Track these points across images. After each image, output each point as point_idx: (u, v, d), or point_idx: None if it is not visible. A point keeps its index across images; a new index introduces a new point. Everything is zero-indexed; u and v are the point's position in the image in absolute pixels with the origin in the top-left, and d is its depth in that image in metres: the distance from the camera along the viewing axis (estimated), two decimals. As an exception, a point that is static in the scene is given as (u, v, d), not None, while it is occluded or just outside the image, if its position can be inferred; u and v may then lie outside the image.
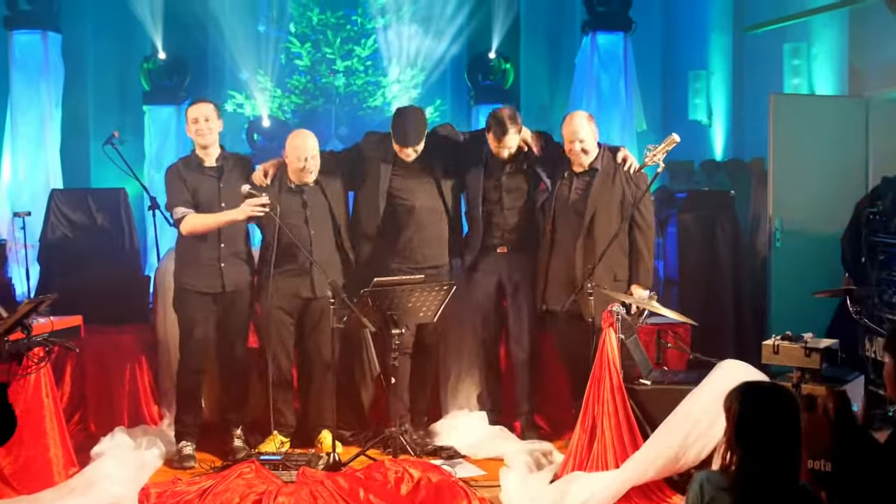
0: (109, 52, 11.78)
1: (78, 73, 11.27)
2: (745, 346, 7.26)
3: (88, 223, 7.20)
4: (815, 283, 7.53)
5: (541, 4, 12.09)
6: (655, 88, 11.74)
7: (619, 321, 5.26)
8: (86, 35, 11.53)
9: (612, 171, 5.92)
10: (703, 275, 7.42)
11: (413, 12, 11.57)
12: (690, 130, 10.87)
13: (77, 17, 11.14)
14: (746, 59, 10.68)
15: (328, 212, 6.01)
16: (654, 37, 11.85)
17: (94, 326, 6.40)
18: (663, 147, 5.38)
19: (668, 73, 12.16)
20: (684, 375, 5.54)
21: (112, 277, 6.86)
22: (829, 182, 7.79)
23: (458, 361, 6.60)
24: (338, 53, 11.95)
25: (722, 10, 11.11)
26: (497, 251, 6.18)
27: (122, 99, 12.04)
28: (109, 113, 11.62)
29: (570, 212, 5.94)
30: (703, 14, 11.49)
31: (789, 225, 7.80)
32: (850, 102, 8.31)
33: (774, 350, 4.95)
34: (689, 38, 11.85)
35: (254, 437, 6.19)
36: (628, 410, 5.17)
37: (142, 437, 6.17)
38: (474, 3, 11.47)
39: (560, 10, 12.01)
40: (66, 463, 5.48)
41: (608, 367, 5.20)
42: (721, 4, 11.12)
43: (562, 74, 11.77)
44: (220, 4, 11.24)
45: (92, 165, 11.26)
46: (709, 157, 10.95)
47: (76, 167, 10.85)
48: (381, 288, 5.39)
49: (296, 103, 11.94)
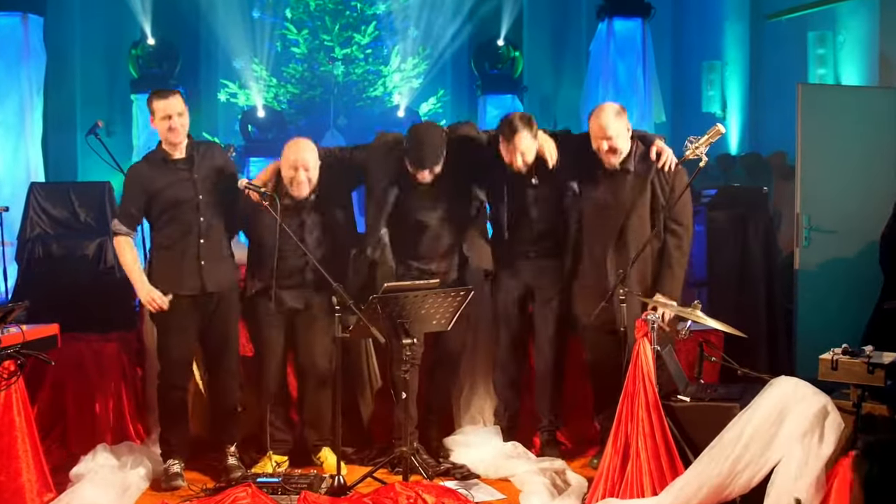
0: (97, 37, 11.54)
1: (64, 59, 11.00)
2: (777, 354, 6.81)
3: (70, 219, 6.83)
4: (846, 285, 7.21)
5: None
6: (665, 79, 11.39)
7: (655, 330, 4.77)
8: (73, 19, 11.22)
9: (644, 169, 5.40)
10: (735, 276, 6.96)
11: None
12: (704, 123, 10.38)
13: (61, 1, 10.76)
14: (765, 48, 10.37)
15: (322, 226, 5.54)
16: (665, 26, 11.54)
17: (74, 334, 5.96)
18: (707, 139, 4.88)
19: (678, 63, 11.90)
20: (726, 391, 5.05)
21: (95, 278, 6.40)
22: (859, 177, 7.45)
23: (472, 373, 6.15)
24: (336, 41, 11.58)
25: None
26: (526, 257, 5.69)
27: (112, 88, 11.79)
28: (98, 102, 11.37)
29: (601, 214, 5.45)
30: (717, 2, 11.19)
31: (818, 222, 7.39)
32: (882, 93, 7.99)
33: (833, 366, 4.45)
34: (701, 28, 11.56)
35: (249, 455, 5.72)
36: (665, 430, 4.68)
37: (126, 455, 5.64)
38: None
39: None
40: (41, 489, 4.94)
41: (643, 382, 4.72)
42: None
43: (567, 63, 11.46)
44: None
45: (79, 158, 10.98)
46: (723, 151, 10.58)
47: (63, 160, 10.58)
48: (391, 294, 4.90)
49: (292, 93, 11.61)
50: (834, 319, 7.08)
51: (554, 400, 5.87)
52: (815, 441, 4.25)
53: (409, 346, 4.97)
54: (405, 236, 5.61)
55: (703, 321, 4.83)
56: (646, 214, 5.38)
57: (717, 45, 11.06)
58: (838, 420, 4.28)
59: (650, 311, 4.83)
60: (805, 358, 6.84)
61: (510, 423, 5.93)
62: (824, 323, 7.08)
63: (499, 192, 5.64)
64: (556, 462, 5.58)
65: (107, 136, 9.97)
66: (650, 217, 5.38)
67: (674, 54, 11.88)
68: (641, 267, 5.24)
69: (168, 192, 5.32)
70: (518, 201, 5.61)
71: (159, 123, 5.33)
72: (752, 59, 10.54)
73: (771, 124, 9.97)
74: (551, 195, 5.59)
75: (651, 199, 5.38)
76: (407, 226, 5.59)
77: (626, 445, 4.76)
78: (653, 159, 5.36)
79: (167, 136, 5.34)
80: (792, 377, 4.55)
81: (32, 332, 4.95)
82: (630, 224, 5.36)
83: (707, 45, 11.25)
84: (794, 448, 4.26)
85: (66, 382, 5.98)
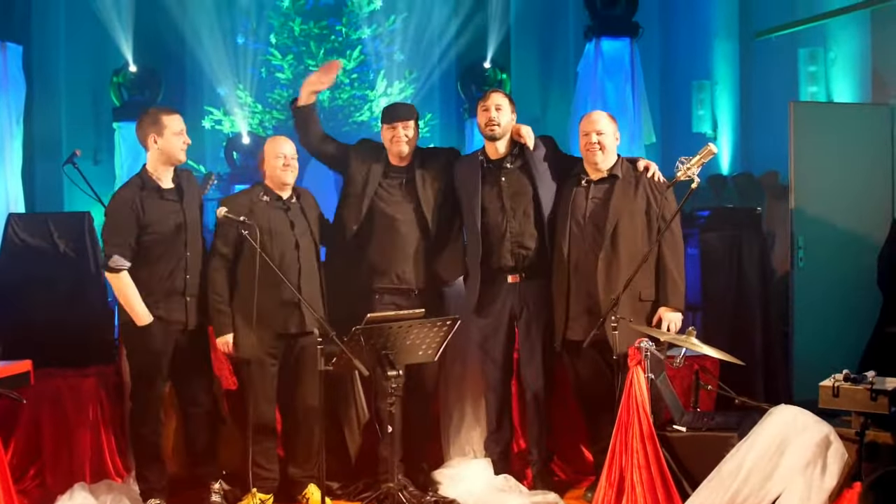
0: (82, 65, 11.44)
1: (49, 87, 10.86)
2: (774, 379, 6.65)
3: (49, 249, 6.54)
4: (842, 306, 7.09)
5: (531, 14, 11.67)
6: (654, 100, 11.29)
7: (649, 358, 4.61)
8: (58, 47, 11.10)
9: (633, 179, 5.29)
10: (730, 299, 6.81)
11: (402, 21, 11.10)
12: (694, 143, 10.31)
13: (45, 29, 10.68)
14: (755, 66, 10.29)
15: (311, 235, 5.42)
16: (653, 46, 11.46)
17: (51, 369, 5.80)
18: (698, 159, 4.74)
19: (667, 83, 11.82)
20: (723, 419, 4.90)
21: (74, 310, 6.21)
22: (854, 196, 7.34)
23: (461, 403, 5.98)
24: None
25: (726, 16, 10.77)
26: (508, 280, 5.50)
27: (97, 115, 11.68)
28: (83, 131, 11.26)
29: (588, 225, 5.28)
30: (706, 21, 11.14)
31: (812, 243, 7.26)
32: (875, 110, 7.89)
33: (834, 393, 4.31)
34: (690, 47, 11.49)
35: (233, 493, 5.53)
36: (661, 461, 4.55)
37: (105, 494, 5.45)
38: (467, 12, 11.03)
39: (552, 18, 11.60)
40: (15, 533, 4.77)
41: (637, 412, 4.58)
42: (725, 10, 10.74)
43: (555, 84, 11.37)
44: (197, 15, 10.78)
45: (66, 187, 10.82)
46: (715, 171, 10.47)
47: (48, 190, 10.38)
48: (375, 325, 4.72)
49: (277, 119, 11.53)
50: (831, 342, 6.96)
51: (543, 431, 5.68)
52: (817, 472, 4.11)
53: (395, 379, 4.81)
54: (367, 236, 5.55)
55: (698, 349, 4.68)
56: (638, 225, 5.23)
57: (707, 64, 10.97)
58: (841, 450, 4.14)
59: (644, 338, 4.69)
60: (803, 383, 6.70)
61: (501, 454, 5.75)
62: (821, 346, 6.96)
63: (470, 193, 5.51)
64: (549, 496, 5.42)
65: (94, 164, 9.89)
66: (643, 230, 5.24)
67: (662, 74, 11.79)
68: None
69: (158, 225, 5.13)
70: (493, 202, 5.47)
71: (172, 140, 5.15)
72: (742, 78, 10.45)
73: (762, 143, 9.86)
74: (527, 188, 5.45)
75: (645, 210, 5.24)
76: (381, 225, 5.53)
77: (621, 478, 4.62)
78: (640, 171, 5.27)
79: (179, 156, 5.20)
80: (792, 406, 4.41)
81: (3, 369, 4.78)
82: (621, 233, 5.20)
83: (696, 65, 11.16)
84: (796, 480, 4.13)
85: (42, 419, 5.78)
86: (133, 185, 5.21)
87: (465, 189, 5.54)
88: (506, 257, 5.45)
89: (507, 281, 5.49)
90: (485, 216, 5.46)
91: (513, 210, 5.44)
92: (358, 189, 5.58)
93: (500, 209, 5.45)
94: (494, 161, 5.51)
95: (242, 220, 5.09)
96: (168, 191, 5.21)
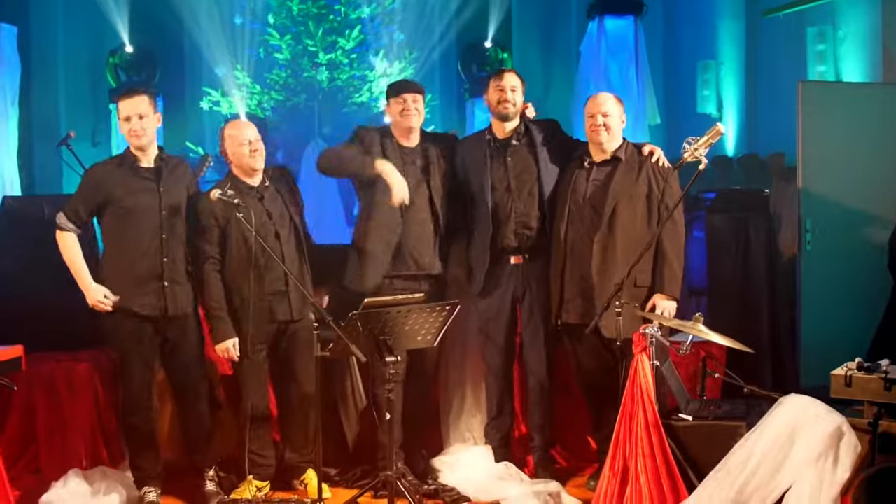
0: (81, 46, 11.33)
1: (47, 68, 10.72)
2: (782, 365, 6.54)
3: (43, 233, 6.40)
4: (851, 291, 6.97)
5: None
6: (658, 80, 11.15)
7: (654, 345, 4.49)
8: (56, 27, 10.98)
9: (636, 163, 5.18)
10: (736, 283, 6.70)
11: (401, 0, 10.96)
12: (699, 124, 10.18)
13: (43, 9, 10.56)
14: (762, 46, 10.15)
15: (290, 221, 5.28)
16: (656, 25, 11.31)
17: (45, 353, 5.69)
18: (706, 139, 4.62)
19: (671, 63, 11.67)
20: (730, 408, 4.77)
21: (68, 293, 6.04)
22: (863, 177, 7.20)
23: (461, 389, 5.88)
24: (320, 46, 11.36)
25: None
26: (511, 261, 5.40)
27: (95, 97, 11.57)
28: (82, 112, 11.12)
29: (587, 206, 5.19)
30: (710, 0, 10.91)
31: (820, 226, 7.13)
32: (886, 89, 7.77)
33: (846, 382, 4.18)
34: (695, 26, 11.34)
35: (229, 480, 5.43)
36: (666, 451, 4.42)
37: (100, 481, 5.33)
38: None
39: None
40: (6, 520, 4.67)
41: (641, 400, 4.46)
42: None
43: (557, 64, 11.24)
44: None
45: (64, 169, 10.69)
46: (720, 153, 10.33)
47: (47, 172, 10.28)
48: (373, 310, 4.60)
49: (276, 100, 11.37)
50: (839, 327, 6.84)
51: (546, 417, 5.59)
52: (829, 464, 3.98)
53: (393, 365, 4.69)
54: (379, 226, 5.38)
55: (705, 335, 4.55)
56: (638, 209, 5.12)
57: (712, 44, 10.82)
58: (854, 441, 4.01)
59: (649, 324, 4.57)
60: (810, 369, 6.59)
61: (502, 441, 5.66)
62: (829, 331, 6.84)
63: (477, 172, 5.41)
64: (550, 484, 5.31)
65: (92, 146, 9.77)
66: (644, 215, 5.13)
67: (666, 54, 11.64)
68: (626, 264, 4.96)
69: (129, 199, 5.02)
70: (500, 181, 5.38)
71: (120, 125, 5.05)
72: (748, 58, 10.31)
73: (769, 124, 9.73)
74: (532, 167, 5.38)
75: (646, 194, 5.13)
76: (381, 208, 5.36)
77: (625, 468, 4.50)
78: (645, 156, 5.16)
79: (130, 141, 5.05)
80: (803, 395, 4.28)
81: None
82: (619, 217, 5.10)
83: (701, 44, 11.00)
84: (807, 472, 4.00)
85: (36, 405, 5.65)
86: (113, 160, 5.21)
87: (473, 168, 5.44)
88: (509, 237, 5.36)
89: (511, 262, 5.40)
90: (492, 195, 5.37)
91: (518, 190, 5.36)
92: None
93: (506, 189, 5.37)
94: (501, 140, 5.43)
95: (236, 202, 4.97)
96: (146, 169, 5.09)
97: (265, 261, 5.06)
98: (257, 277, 5.09)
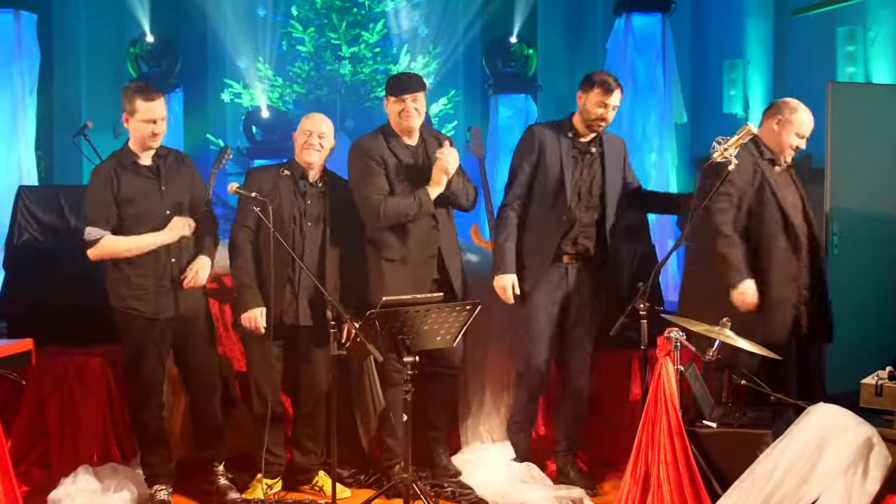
0: (103, 35, 11.26)
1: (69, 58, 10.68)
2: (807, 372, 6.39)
3: (60, 224, 6.44)
4: (878, 295, 6.82)
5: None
6: (685, 79, 10.99)
7: (678, 349, 4.38)
8: (77, 16, 10.91)
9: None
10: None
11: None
12: (725, 124, 10.17)
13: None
14: (790, 46, 9.95)
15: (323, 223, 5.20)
16: (683, 23, 11.16)
17: (57, 347, 5.63)
18: (737, 139, 4.51)
19: (698, 62, 11.49)
20: (756, 415, 4.66)
21: (83, 286, 6.00)
22: (892, 180, 7.04)
23: (482, 389, 5.82)
24: (343, 39, 11.24)
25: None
26: (564, 261, 5.33)
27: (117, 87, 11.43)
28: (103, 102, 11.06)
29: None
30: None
31: (849, 229, 6.98)
32: (918, 92, 7.52)
33: (877, 391, 4.06)
34: (722, 24, 11.16)
35: (241, 478, 5.36)
36: (689, 458, 4.31)
37: (110, 478, 5.28)
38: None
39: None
40: (12, 515, 4.59)
41: (665, 406, 4.35)
42: (760, -12, 10.37)
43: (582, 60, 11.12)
44: (217, -15, 10.59)
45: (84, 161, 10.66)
46: (746, 153, 10.18)
47: (66, 162, 10.22)
48: (391, 309, 4.50)
49: (298, 93, 11.29)
50: (866, 333, 6.70)
51: (578, 424, 5.55)
52: (858, 476, 3.88)
53: (411, 365, 4.59)
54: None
55: (732, 342, 4.44)
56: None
57: (739, 43, 10.63)
58: (885, 453, 3.90)
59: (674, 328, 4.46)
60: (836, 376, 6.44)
61: (524, 441, 5.59)
62: (856, 337, 6.65)
63: (554, 172, 5.30)
64: (573, 490, 5.23)
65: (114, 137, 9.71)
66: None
67: (693, 52, 11.48)
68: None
69: (141, 202, 4.93)
70: (576, 183, 5.32)
71: (140, 126, 4.89)
72: (776, 58, 10.12)
73: (797, 126, 9.55)
74: (598, 170, 5.36)
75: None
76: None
77: (647, 475, 4.40)
78: None
79: (148, 142, 4.94)
80: (832, 404, 4.16)
81: (2, 348, 4.55)
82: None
83: (728, 43, 10.82)
84: (835, 483, 3.89)
85: (47, 399, 5.60)
86: (111, 159, 5.06)
87: (554, 162, 5.33)
88: (568, 244, 5.32)
89: (565, 265, 5.34)
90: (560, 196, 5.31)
91: (587, 198, 5.32)
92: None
93: (578, 194, 5.32)
94: (582, 144, 5.36)
95: (254, 195, 4.91)
96: (145, 167, 4.99)
97: (282, 255, 4.98)
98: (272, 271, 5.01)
